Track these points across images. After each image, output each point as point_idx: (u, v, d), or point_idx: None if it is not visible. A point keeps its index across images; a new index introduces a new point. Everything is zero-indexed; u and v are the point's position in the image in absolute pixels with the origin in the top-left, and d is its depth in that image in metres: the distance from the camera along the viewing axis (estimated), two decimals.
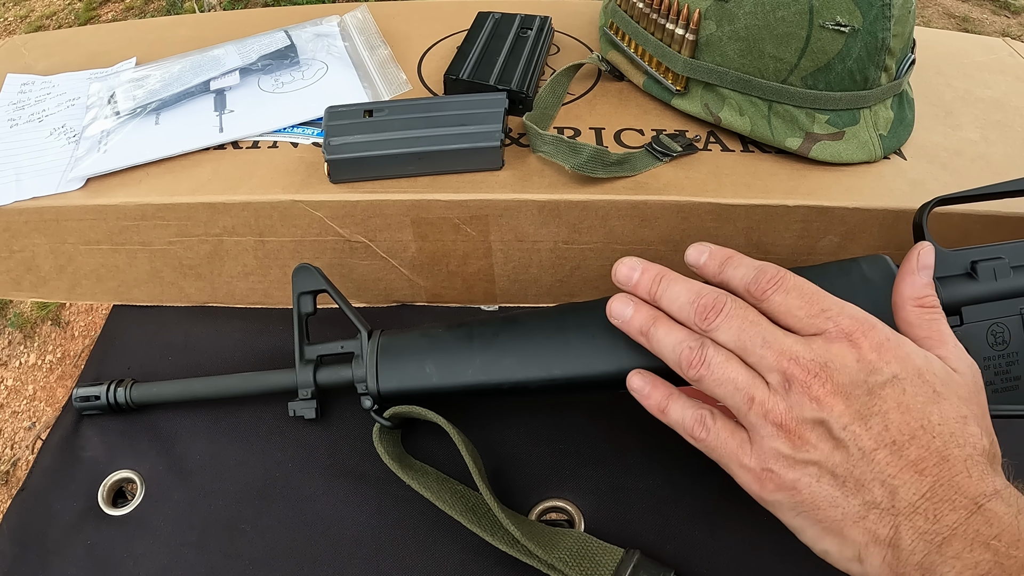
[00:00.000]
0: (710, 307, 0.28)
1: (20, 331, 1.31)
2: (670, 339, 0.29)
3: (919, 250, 0.29)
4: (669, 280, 0.30)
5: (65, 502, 0.37)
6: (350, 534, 0.36)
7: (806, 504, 0.26)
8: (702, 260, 0.30)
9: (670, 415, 0.29)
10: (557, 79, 0.46)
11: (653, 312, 0.30)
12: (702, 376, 0.27)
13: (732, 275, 0.29)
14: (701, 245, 0.30)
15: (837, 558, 0.26)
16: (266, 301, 0.46)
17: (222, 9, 1.94)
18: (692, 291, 0.29)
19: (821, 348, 0.26)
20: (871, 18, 0.37)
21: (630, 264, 0.31)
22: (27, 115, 0.47)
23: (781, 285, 0.27)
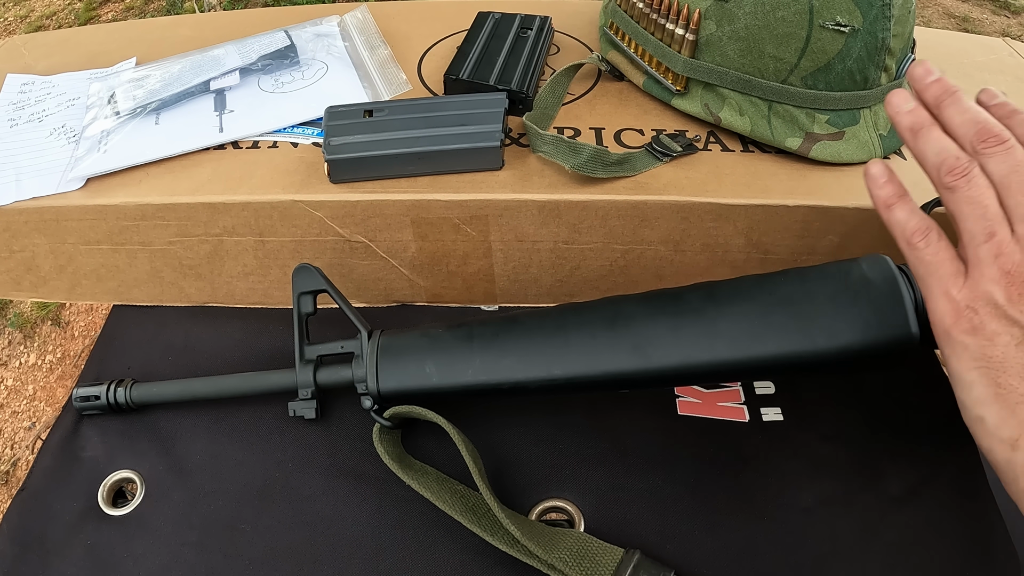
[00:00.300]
0: (994, 133, 0.27)
1: (20, 331, 1.31)
2: (939, 144, 0.28)
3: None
4: (960, 97, 0.29)
5: (65, 502, 0.37)
6: (350, 534, 0.36)
7: (994, 360, 0.25)
8: (993, 102, 0.29)
9: (896, 212, 0.28)
10: (557, 79, 0.46)
11: (930, 116, 0.29)
12: (957, 186, 0.26)
13: (1016, 124, 0.28)
14: (995, 91, 0.30)
15: (991, 431, 0.24)
16: (266, 301, 0.46)
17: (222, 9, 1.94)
18: (981, 115, 0.28)
19: None
20: (871, 18, 0.37)
21: (927, 67, 0.30)
22: (27, 115, 0.47)
23: None
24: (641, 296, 0.35)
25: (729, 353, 0.32)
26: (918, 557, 0.34)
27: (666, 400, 0.41)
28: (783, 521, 0.35)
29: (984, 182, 0.26)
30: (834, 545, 0.35)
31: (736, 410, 0.40)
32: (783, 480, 0.37)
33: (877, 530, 0.35)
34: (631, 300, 0.35)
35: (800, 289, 0.32)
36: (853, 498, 0.36)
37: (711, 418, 0.40)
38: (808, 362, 0.32)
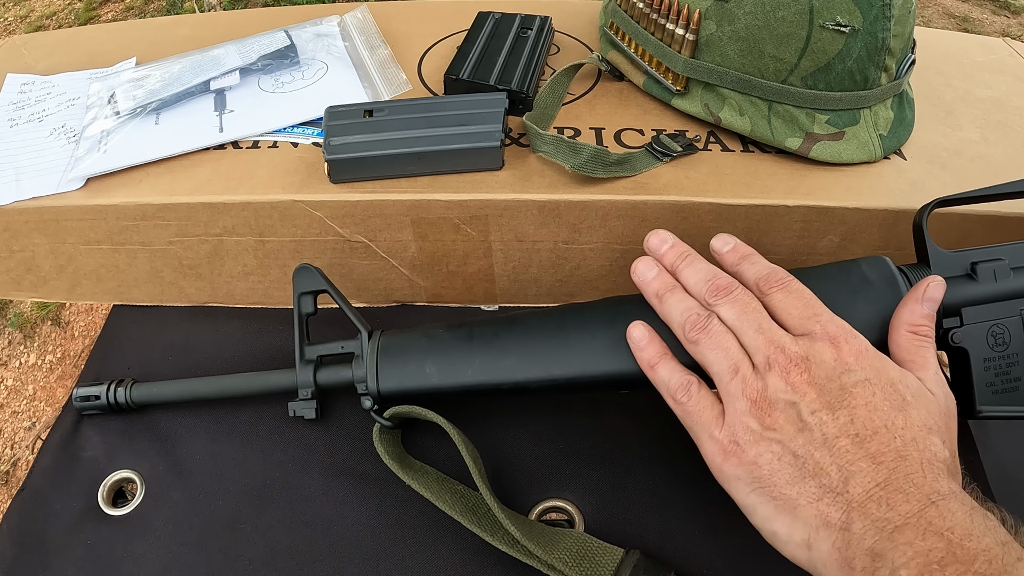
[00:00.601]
0: (722, 287, 0.31)
1: (20, 331, 1.31)
2: (682, 305, 0.31)
3: (929, 282, 0.31)
4: (693, 259, 0.33)
5: (65, 502, 0.37)
6: (350, 534, 0.36)
7: (764, 480, 0.27)
8: (725, 249, 0.33)
9: (659, 372, 0.31)
10: (557, 79, 0.46)
11: (672, 280, 0.32)
12: (700, 339, 0.30)
13: (747, 269, 0.32)
14: (728, 236, 0.34)
15: (786, 540, 0.26)
16: (266, 301, 0.46)
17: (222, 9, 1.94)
18: (710, 272, 0.32)
19: (805, 344, 0.28)
20: (871, 18, 0.37)
21: (662, 236, 0.34)
22: (27, 115, 0.47)
23: (785, 286, 0.30)
24: (641, 296, 0.35)
25: None
26: None
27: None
28: None
29: (722, 329, 0.30)
30: None
31: None
32: None
33: None
34: (631, 300, 0.35)
35: None
36: None
37: None
38: None
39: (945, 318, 0.33)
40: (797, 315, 0.29)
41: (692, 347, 0.30)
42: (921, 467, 0.25)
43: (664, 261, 0.33)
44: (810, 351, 0.28)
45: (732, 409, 0.28)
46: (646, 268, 0.33)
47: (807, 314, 0.29)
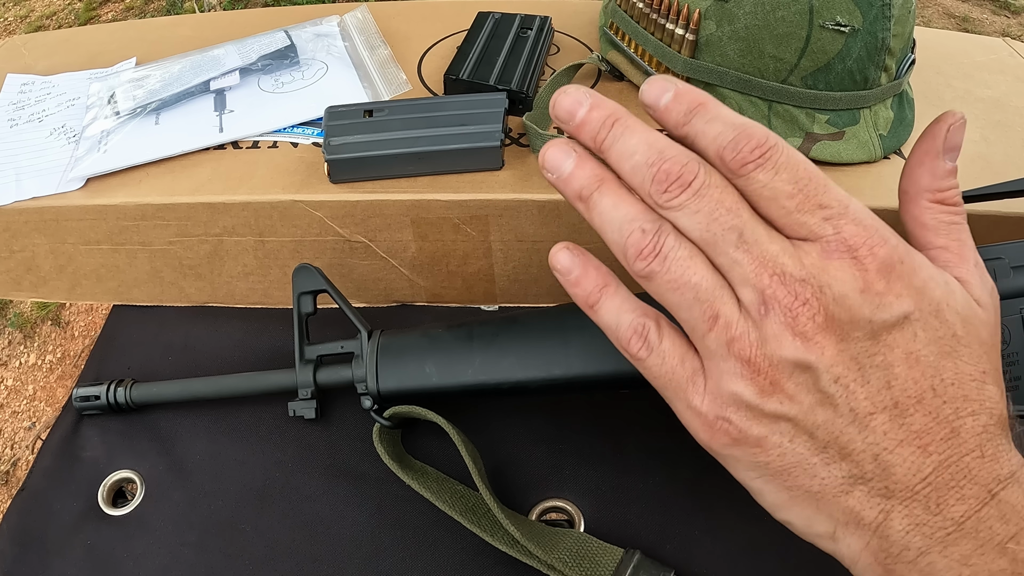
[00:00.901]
0: (675, 176, 0.20)
1: (20, 331, 1.31)
2: (617, 213, 0.21)
3: (949, 122, 0.22)
4: (624, 126, 0.21)
5: (65, 502, 0.37)
6: (350, 534, 0.36)
7: (772, 467, 0.20)
8: (663, 101, 0.21)
9: (601, 314, 0.22)
10: (557, 79, 0.46)
11: (600, 171, 0.21)
12: (653, 272, 0.20)
13: (703, 131, 0.21)
14: (664, 80, 0.21)
15: (803, 531, 0.21)
16: (266, 301, 0.46)
17: (222, 9, 1.94)
18: (654, 148, 0.20)
19: (815, 262, 0.19)
20: (871, 18, 0.37)
21: (575, 97, 0.21)
22: (27, 115, 0.47)
23: (769, 157, 0.20)
24: (641, 296, 0.35)
25: None
26: None
27: None
28: None
29: (684, 252, 0.20)
30: None
31: None
32: None
33: None
34: None
35: None
36: None
37: None
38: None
39: None
40: (794, 207, 0.19)
41: (644, 283, 0.21)
42: (979, 444, 0.19)
43: (583, 135, 0.22)
44: (823, 274, 0.19)
45: (717, 370, 0.20)
46: (560, 156, 0.22)
47: (808, 204, 0.19)
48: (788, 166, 0.20)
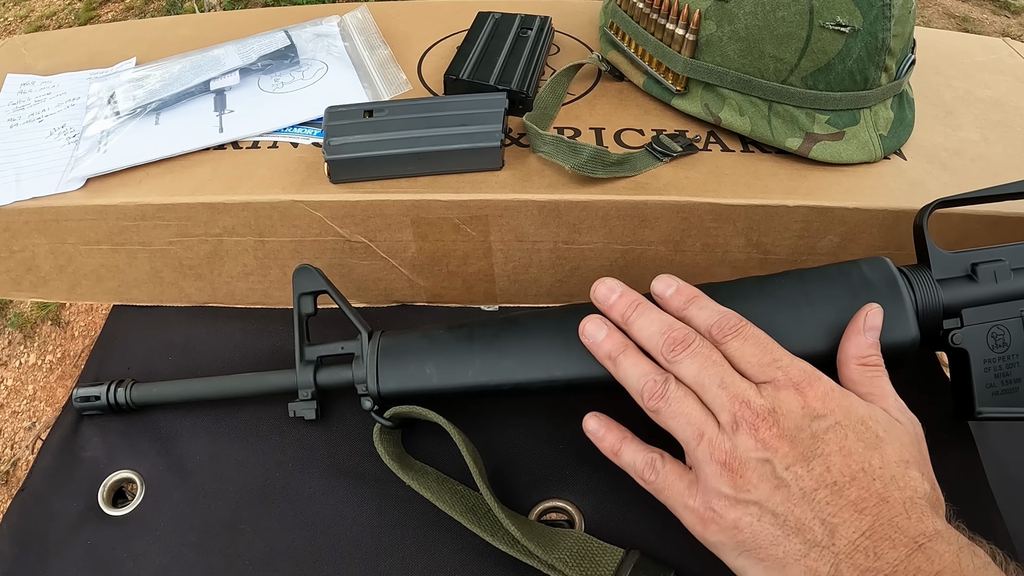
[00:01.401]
0: (679, 341, 0.29)
1: (20, 331, 1.31)
2: (636, 370, 0.30)
3: (867, 312, 0.31)
4: (644, 309, 0.31)
5: (65, 502, 0.37)
6: (350, 534, 0.36)
7: (748, 543, 0.26)
8: (668, 293, 0.32)
9: (623, 457, 0.31)
10: (557, 79, 0.46)
11: (623, 340, 0.31)
12: (660, 408, 0.29)
13: (696, 315, 0.30)
14: (668, 278, 0.32)
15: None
16: (266, 301, 0.46)
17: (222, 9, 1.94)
18: (664, 323, 0.30)
19: (770, 395, 0.27)
20: (871, 18, 0.37)
21: (609, 285, 0.32)
22: (27, 115, 0.47)
23: (740, 332, 0.29)
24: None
25: None
26: None
27: None
28: None
29: (680, 393, 0.29)
30: None
31: None
32: None
33: None
34: None
35: (800, 291, 0.32)
36: None
37: None
38: (809, 362, 0.32)
39: (945, 319, 0.33)
40: (756, 363, 0.28)
41: (654, 415, 0.30)
42: (904, 508, 0.25)
43: (612, 314, 0.32)
44: (776, 402, 0.27)
45: (703, 475, 0.28)
46: (595, 329, 0.31)
47: (766, 360, 0.28)
48: (753, 337, 0.29)
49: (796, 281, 0.33)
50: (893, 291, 0.32)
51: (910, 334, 0.31)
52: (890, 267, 0.33)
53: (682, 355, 0.29)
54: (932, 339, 0.33)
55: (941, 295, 0.32)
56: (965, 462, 0.37)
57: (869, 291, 0.32)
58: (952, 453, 0.37)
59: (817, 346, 0.31)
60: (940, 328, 0.33)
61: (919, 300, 0.32)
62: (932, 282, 0.33)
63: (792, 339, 0.31)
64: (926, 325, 0.32)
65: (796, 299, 0.32)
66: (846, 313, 0.31)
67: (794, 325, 0.32)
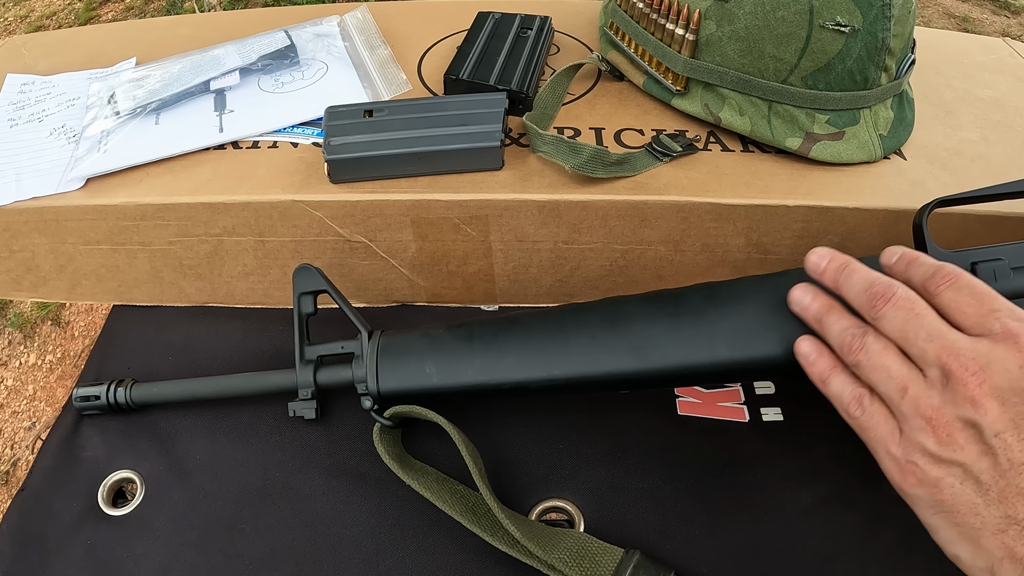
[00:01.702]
0: (880, 294, 0.28)
1: (20, 331, 1.31)
2: (838, 326, 0.29)
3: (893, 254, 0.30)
4: (852, 270, 0.30)
5: (65, 502, 0.37)
6: (350, 534, 0.36)
7: (946, 504, 0.25)
8: (891, 259, 0.30)
9: (831, 386, 0.29)
10: (557, 79, 0.46)
11: (829, 301, 0.31)
12: (859, 361, 0.28)
13: (914, 272, 0.29)
14: (895, 248, 0.30)
15: (968, 565, 0.25)
16: (266, 301, 0.46)
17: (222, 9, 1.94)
18: (868, 279, 0.29)
19: (985, 348, 0.26)
20: (871, 18, 0.37)
21: (820, 253, 0.31)
22: (27, 115, 0.47)
23: (955, 282, 0.27)
24: (641, 297, 0.35)
25: (729, 354, 0.32)
26: (918, 557, 0.34)
27: (666, 400, 0.41)
28: (783, 521, 0.35)
29: (880, 346, 0.28)
30: (834, 545, 0.35)
31: (736, 410, 0.40)
32: (783, 480, 0.37)
33: (877, 530, 0.35)
34: (631, 301, 0.35)
35: None
36: (853, 498, 0.36)
37: (711, 418, 0.40)
38: None
39: None
40: (972, 312, 0.26)
41: (856, 370, 0.29)
42: None
43: (825, 279, 0.31)
44: (990, 356, 0.25)
45: (908, 427, 0.26)
46: (802, 295, 0.31)
47: (983, 310, 0.26)
48: (968, 286, 0.27)
49: (796, 280, 0.33)
50: None
51: None
52: None
53: (884, 308, 0.28)
54: None
55: None
56: None
57: None
58: None
59: None
60: None
61: None
62: None
63: (792, 338, 0.31)
64: None
65: None
66: None
67: (794, 324, 0.32)
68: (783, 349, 0.32)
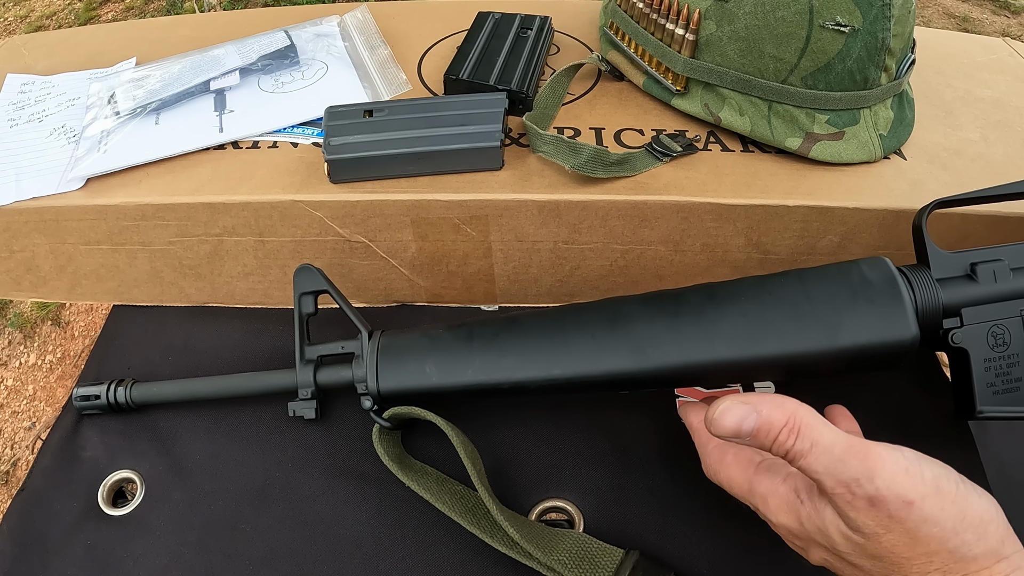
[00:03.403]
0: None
1: (20, 331, 1.31)
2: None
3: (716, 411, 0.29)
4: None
5: (65, 502, 0.37)
6: (350, 534, 0.36)
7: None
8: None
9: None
10: (557, 79, 0.46)
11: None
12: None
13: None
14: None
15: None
16: (266, 301, 0.46)
17: (222, 9, 1.94)
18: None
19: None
20: (871, 18, 0.37)
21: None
22: (27, 115, 0.47)
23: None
24: (641, 297, 0.35)
25: (728, 353, 0.32)
26: None
27: (666, 400, 0.41)
28: None
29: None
30: None
31: None
32: None
33: None
34: (631, 301, 0.35)
35: (800, 290, 0.32)
36: None
37: None
38: (808, 362, 0.32)
39: (945, 318, 0.33)
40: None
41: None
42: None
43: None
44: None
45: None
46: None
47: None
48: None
49: (796, 280, 0.33)
50: (893, 290, 0.32)
51: (910, 333, 0.31)
52: (889, 267, 0.33)
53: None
54: (932, 339, 0.33)
55: (940, 295, 0.32)
56: (965, 462, 0.37)
57: (868, 290, 0.32)
58: (952, 453, 0.37)
59: (817, 345, 0.32)
60: (940, 328, 0.33)
61: (919, 299, 0.32)
62: (931, 282, 0.33)
63: (792, 338, 0.31)
64: (926, 324, 0.32)
65: (796, 298, 0.32)
66: (845, 312, 0.31)
67: (793, 323, 0.32)
68: (782, 349, 0.32)
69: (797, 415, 0.27)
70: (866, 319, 0.31)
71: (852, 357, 0.32)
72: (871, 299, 0.32)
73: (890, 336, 0.31)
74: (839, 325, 0.31)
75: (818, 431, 0.26)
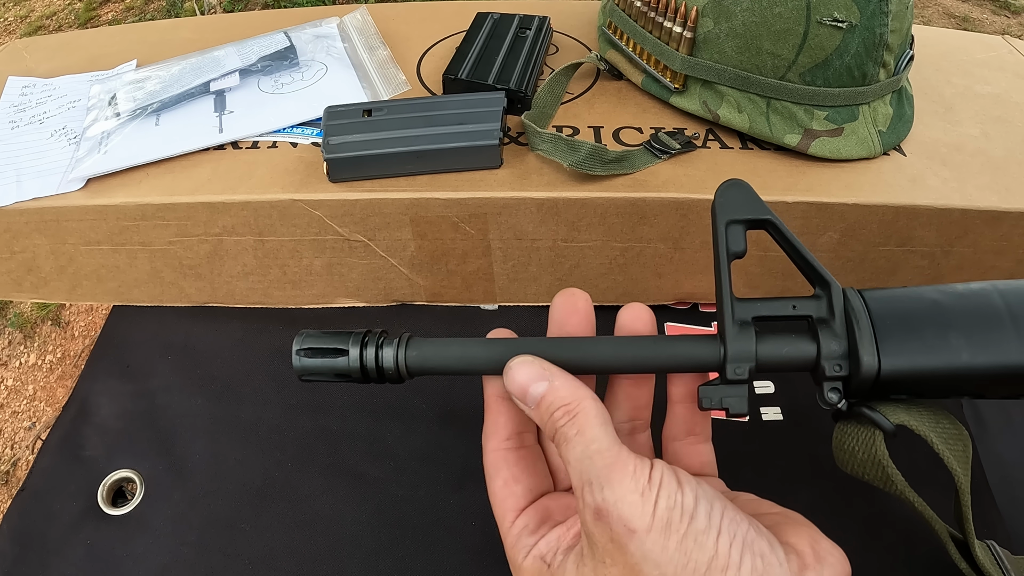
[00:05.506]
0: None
1: (20, 331, 1.31)
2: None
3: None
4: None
5: (65, 502, 0.37)
6: (350, 534, 0.36)
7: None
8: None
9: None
10: (556, 78, 0.46)
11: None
12: None
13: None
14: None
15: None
16: (266, 301, 0.46)
17: (222, 11, 1.95)
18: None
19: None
20: (868, 14, 0.37)
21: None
22: (28, 117, 0.47)
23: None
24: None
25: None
26: (918, 557, 0.34)
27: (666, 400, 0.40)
28: None
29: None
30: None
31: None
32: (783, 480, 0.37)
33: (877, 530, 0.35)
34: None
35: None
36: (853, 498, 0.36)
37: (711, 417, 0.40)
38: None
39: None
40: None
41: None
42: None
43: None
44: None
45: None
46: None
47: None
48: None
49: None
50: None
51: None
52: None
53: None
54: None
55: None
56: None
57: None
58: None
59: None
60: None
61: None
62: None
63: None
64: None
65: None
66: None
67: None
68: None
69: (583, 402, 0.24)
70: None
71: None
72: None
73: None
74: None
75: (591, 423, 0.24)
